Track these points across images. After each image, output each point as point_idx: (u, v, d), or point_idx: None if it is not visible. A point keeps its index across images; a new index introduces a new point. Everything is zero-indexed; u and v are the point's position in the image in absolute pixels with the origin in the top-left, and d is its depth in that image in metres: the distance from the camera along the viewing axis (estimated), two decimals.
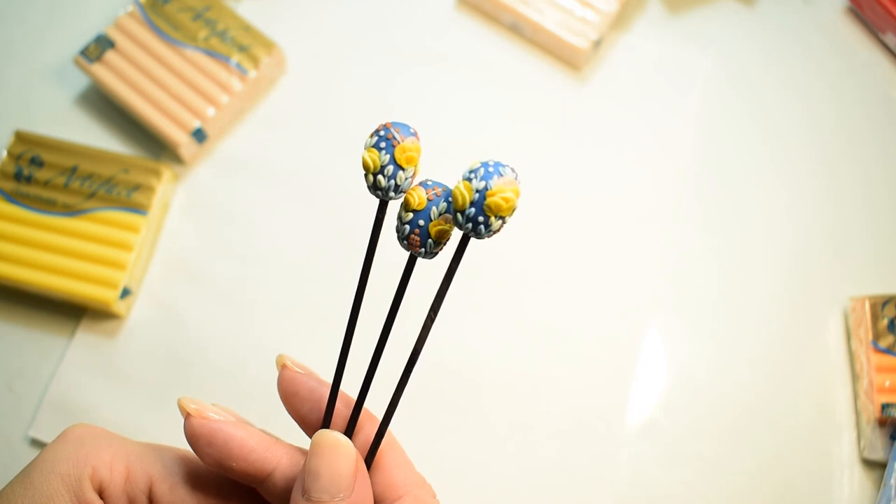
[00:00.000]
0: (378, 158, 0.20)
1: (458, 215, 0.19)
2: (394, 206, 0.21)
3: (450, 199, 0.20)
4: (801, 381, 0.42)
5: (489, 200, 0.19)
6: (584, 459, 0.40)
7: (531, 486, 0.40)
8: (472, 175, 0.19)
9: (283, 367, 0.26)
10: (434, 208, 0.20)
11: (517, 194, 0.19)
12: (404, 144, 0.20)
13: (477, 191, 0.19)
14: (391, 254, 0.26)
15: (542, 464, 0.40)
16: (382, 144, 0.20)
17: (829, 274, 0.45)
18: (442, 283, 0.21)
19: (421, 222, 0.20)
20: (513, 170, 0.19)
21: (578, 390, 0.42)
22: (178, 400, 0.25)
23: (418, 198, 0.20)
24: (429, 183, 0.21)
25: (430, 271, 0.26)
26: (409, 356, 0.23)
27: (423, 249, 0.21)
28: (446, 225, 0.20)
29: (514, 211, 0.19)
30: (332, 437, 0.23)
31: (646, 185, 0.47)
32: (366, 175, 0.20)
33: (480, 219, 0.19)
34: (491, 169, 0.19)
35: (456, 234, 0.21)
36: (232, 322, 0.43)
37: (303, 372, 0.26)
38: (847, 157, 0.48)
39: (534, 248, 0.45)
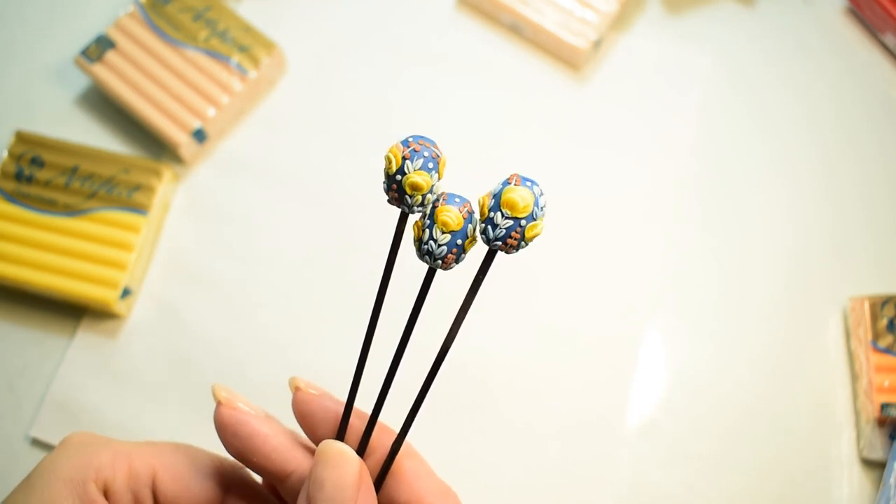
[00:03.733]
0: (431, 179, 0.19)
1: (523, 242, 0.20)
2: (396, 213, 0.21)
3: (472, 213, 0.20)
4: (800, 381, 0.42)
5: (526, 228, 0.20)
6: (584, 459, 0.40)
7: (531, 486, 0.40)
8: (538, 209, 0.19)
9: (296, 389, 0.26)
10: (470, 226, 0.20)
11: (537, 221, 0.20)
12: (443, 158, 0.20)
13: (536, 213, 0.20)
14: (400, 263, 0.26)
15: (543, 463, 0.40)
16: (430, 164, 0.19)
17: (828, 274, 0.45)
18: (467, 296, 0.21)
19: (459, 241, 0.20)
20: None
21: (579, 390, 0.42)
22: (212, 386, 0.25)
23: (456, 218, 0.20)
24: (456, 200, 0.20)
25: (438, 280, 0.26)
26: (430, 369, 0.22)
27: (454, 265, 0.20)
28: (476, 241, 0.20)
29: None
30: (337, 448, 0.23)
31: (646, 186, 0.47)
32: (412, 196, 0.20)
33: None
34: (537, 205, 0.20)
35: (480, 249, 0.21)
36: (232, 322, 0.43)
37: (317, 393, 0.26)
38: (847, 157, 0.48)
39: (533, 247, 0.45)
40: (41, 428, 0.41)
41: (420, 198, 0.20)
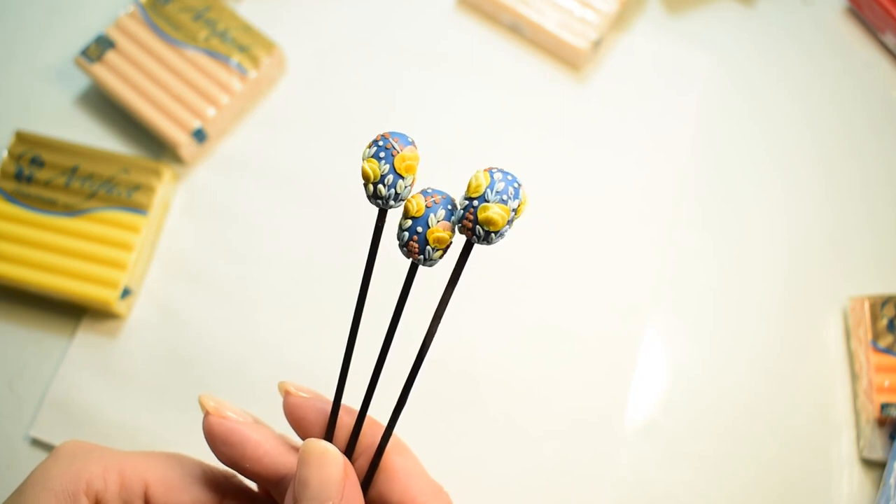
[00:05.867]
0: (378, 168, 0.20)
1: (493, 235, 0.20)
2: (394, 214, 0.22)
3: (449, 206, 0.21)
4: (800, 380, 0.42)
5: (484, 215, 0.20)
6: (584, 459, 0.40)
7: (530, 486, 0.40)
8: (507, 196, 0.20)
9: (286, 393, 0.26)
10: (432, 215, 0.21)
11: (508, 213, 0.20)
12: (403, 153, 0.20)
13: (513, 210, 0.20)
14: (392, 261, 0.26)
15: (542, 463, 0.40)
16: (382, 154, 0.20)
17: (828, 274, 0.45)
18: (446, 289, 0.21)
19: (419, 229, 0.21)
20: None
21: (578, 390, 0.42)
22: (199, 396, 0.25)
23: (417, 205, 0.21)
24: (428, 191, 0.21)
25: (431, 278, 0.26)
26: (412, 363, 0.23)
27: (421, 256, 0.21)
28: (445, 232, 0.21)
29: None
30: (320, 447, 0.23)
31: (645, 185, 0.47)
32: (365, 185, 0.21)
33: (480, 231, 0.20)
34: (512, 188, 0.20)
35: (458, 242, 0.21)
36: (232, 322, 0.43)
37: (307, 396, 0.26)
38: (847, 157, 0.48)
39: (533, 247, 0.45)
40: (41, 428, 0.41)
41: (372, 187, 0.20)
